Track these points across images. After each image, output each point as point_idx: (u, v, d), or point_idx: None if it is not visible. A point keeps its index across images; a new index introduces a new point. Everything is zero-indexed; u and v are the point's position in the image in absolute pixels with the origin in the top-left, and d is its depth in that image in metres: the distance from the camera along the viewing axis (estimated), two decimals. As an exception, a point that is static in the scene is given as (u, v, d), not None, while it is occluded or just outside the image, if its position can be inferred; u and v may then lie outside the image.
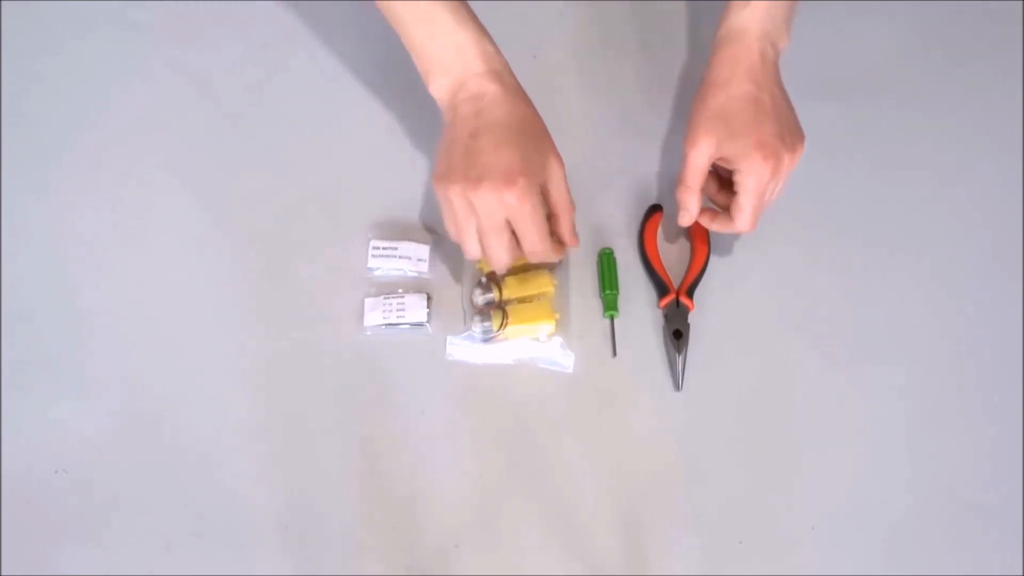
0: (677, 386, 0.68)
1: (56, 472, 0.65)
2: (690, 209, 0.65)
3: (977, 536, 0.66)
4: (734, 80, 0.62)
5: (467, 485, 0.65)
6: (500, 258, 0.60)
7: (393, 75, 0.75)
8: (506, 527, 0.65)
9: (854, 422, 0.68)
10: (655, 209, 0.72)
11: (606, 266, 0.70)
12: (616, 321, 0.69)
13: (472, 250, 0.60)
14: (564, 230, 0.63)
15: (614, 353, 0.68)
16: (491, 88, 0.59)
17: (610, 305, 0.69)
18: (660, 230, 0.72)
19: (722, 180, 0.67)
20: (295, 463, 0.66)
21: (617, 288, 0.69)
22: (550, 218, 0.62)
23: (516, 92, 0.60)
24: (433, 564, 0.64)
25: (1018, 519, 0.66)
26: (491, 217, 0.58)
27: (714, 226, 0.67)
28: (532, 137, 0.60)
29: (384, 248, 0.69)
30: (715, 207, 0.67)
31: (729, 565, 0.64)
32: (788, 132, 0.62)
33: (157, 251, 0.71)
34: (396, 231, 0.71)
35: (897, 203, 0.74)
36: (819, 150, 0.75)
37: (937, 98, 0.77)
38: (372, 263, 0.69)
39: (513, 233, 0.60)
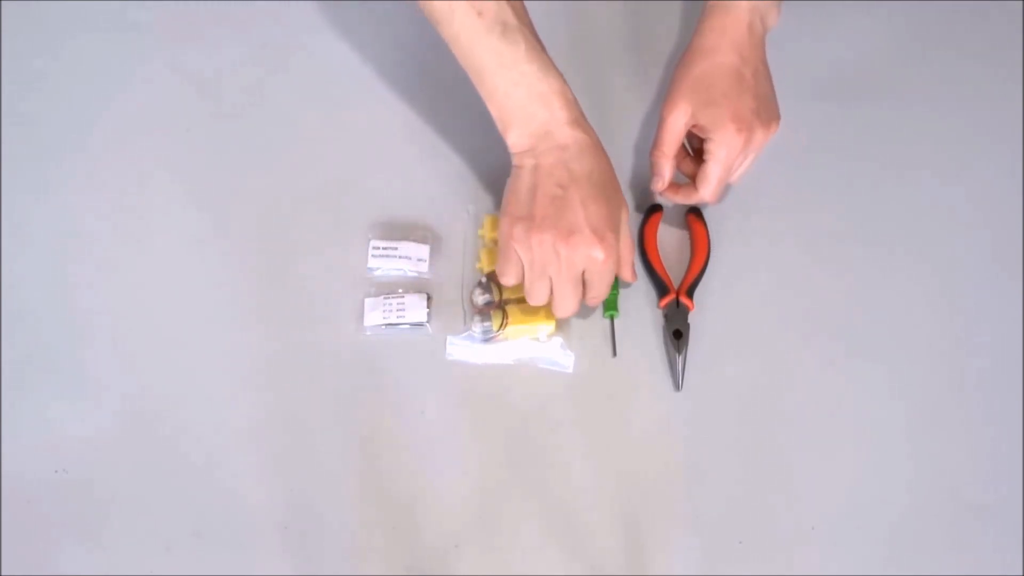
0: (677, 386, 0.68)
1: (56, 472, 0.65)
2: (663, 175, 0.66)
3: (977, 536, 0.66)
4: (719, 50, 0.62)
5: (467, 485, 0.65)
6: (569, 307, 0.62)
7: (394, 75, 0.75)
8: (506, 527, 0.65)
9: (854, 422, 0.68)
10: (655, 209, 0.72)
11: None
12: (616, 321, 0.69)
13: (541, 297, 0.62)
14: (626, 271, 0.64)
15: (614, 353, 0.68)
16: (577, 138, 0.59)
17: (610, 305, 0.69)
18: (660, 230, 0.72)
19: (693, 149, 0.68)
20: (295, 463, 0.66)
21: (617, 288, 0.69)
22: None
23: (597, 143, 0.61)
24: (433, 564, 0.64)
25: (1018, 519, 0.66)
26: (573, 268, 0.59)
27: (678, 197, 0.68)
28: (614, 191, 0.61)
29: (384, 248, 0.69)
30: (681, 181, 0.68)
31: (729, 565, 0.64)
32: (765, 108, 0.63)
33: (157, 251, 0.71)
34: (396, 231, 0.71)
35: (897, 203, 0.74)
36: (819, 150, 0.75)
37: (937, 98, 0.77)
38: (372, 263, 0.69)
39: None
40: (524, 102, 0.58)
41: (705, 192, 0.65)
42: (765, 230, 0.72)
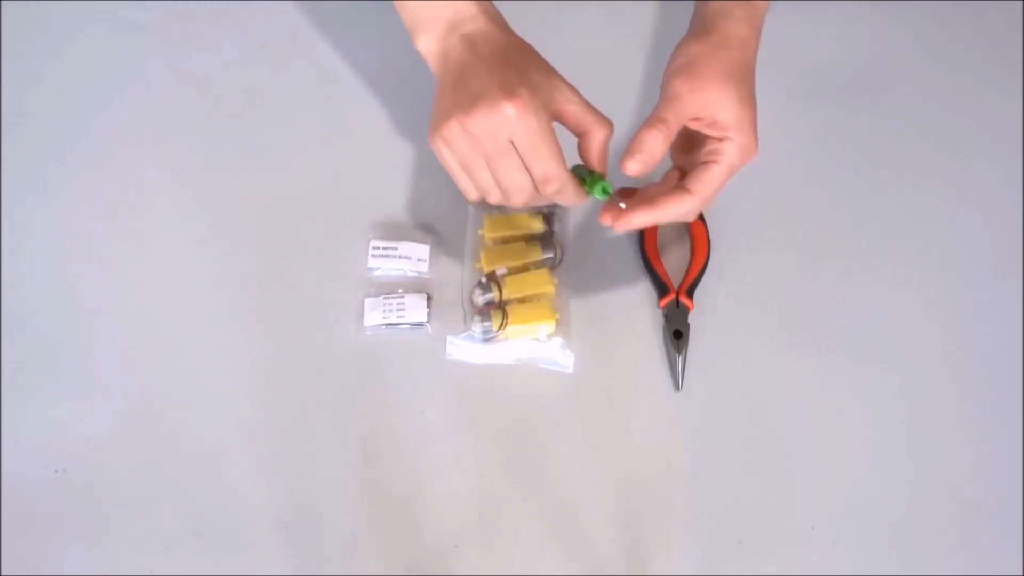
0: (677, 386, 0.68)
1: (56, 472, 0.65)
2: (655, 153, 0.55)
3: (977, 536, 0.66)
4: (750, 44, 0.56)
5: (467, 485, 0.65)
6: (518, 186, 0.54)
7: (394, 75, 0.75)
8: (506, 527, 0.65)
9: (854, 422, 0.68)
10: (655, 209, 0.72)
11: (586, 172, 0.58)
12: (615, 321, 0.69)
13: (492, 192, 0.55)
14: (592, 148, 0.55)
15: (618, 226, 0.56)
16: (484, 26, 0.54)
17: (592, 183, 0.57)
18: (660, 230, 0.72)
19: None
20: (295, 463, 0.66)
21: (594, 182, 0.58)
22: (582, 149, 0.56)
23: (511, 33, 0.56)
24: (433, 564, 0.64)
25: (1018, 519, 0.66)
26: (493, 139, 0.52)
27: (651, 211, 0.56)
28: (533, 61, 0.54)
29: (384, 248, 0.69)
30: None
31: (729, 565, 0.64)
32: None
33: (156, 251, 0.71)
34: (396, 231, 0.71)
35: (897, 203, 0.74)
36: (818, 150, 0.75)
37: (937, 98, 0.77)
38: (372, 263, 0.69)
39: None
40: (429, 4, 0.55)
41: (698, 199, 0.56)
42: (765, 230, 0.72)
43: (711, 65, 0.55)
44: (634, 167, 0.55)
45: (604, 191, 0.57)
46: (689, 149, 0.59)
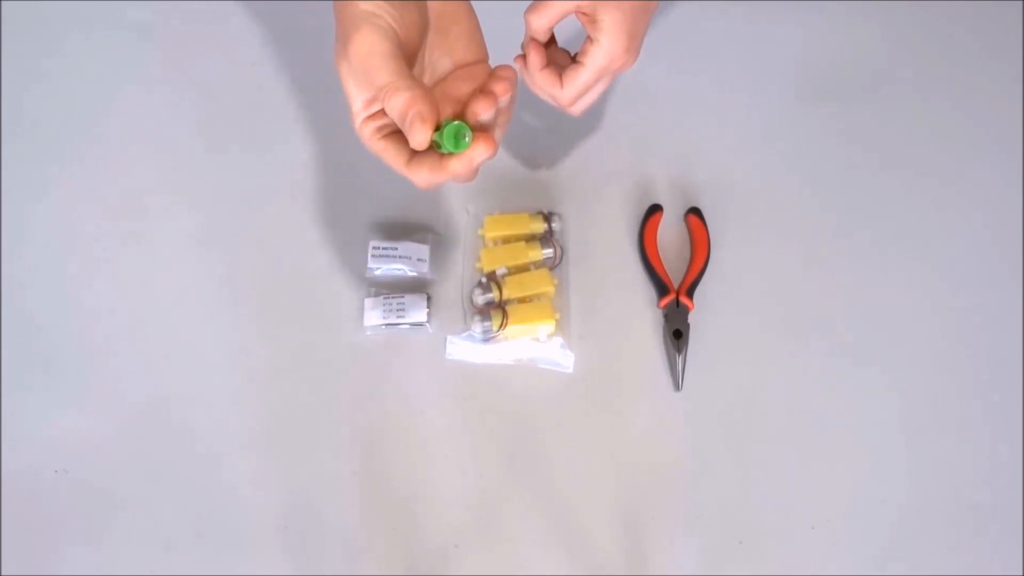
0: (677, 386, 0.68)
1: (56, 472, 0.65)
2: (538, 28, 0.56)
3: (977, 536, 0.66)
4: None
5: (467, 485, 0.65)
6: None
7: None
8: (506, 527, 0.65)
9: (854, 422, 0.68)
10: (655, 209, 0.72)
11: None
12: (615, 321, 0.69)
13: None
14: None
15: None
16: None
17: (447, 137, 0.49)
18: (660, 230, 0.72)
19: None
20: (295, 463, 0.66)
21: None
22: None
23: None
24: (433, 564, 0.64)
25: (1018, 519, 0.66)
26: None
27: (539, 78, 0.57)
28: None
29: (384, 248, 0.69)
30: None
31: (729, 565, 0.64)
32: (641, 42, 0.57)
33: (156, 251, 0.71)
34: (396, 231, 0.71)
35: (897, 203, 0.74)
36: (818, 150, 0.75)
37: (937, 98, 0.77)
38: (372, 263, 0.69)
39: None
40: None
41: (566, 92, 0.57)
42: (765, 230, 0.72)
43: None
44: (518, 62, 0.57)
45: (455, 137, 0.49)
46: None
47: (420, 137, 0.48)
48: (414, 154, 0.51)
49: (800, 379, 0.68)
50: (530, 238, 0.70)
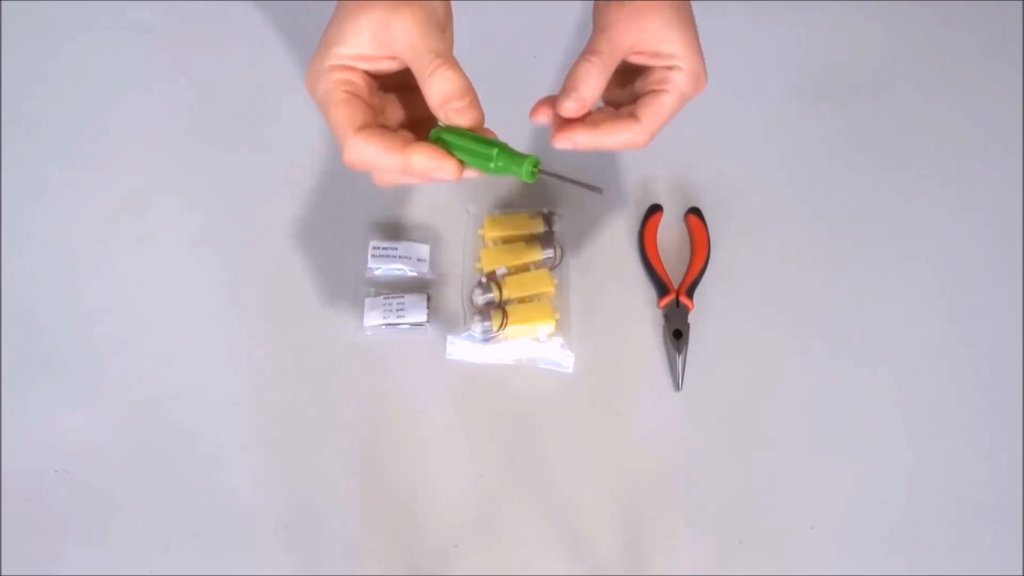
0: (677, 386, 0.68)
1: (56, 472, 0.65)
2: (592, 91, 0.48)
3: (977, 536, 0.66)
4: None
5: (467, 485, 0.65)
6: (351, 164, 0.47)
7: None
8: (506, 527, 0.65)
9: (854, 422, 0.68)
10: (655, 209, 0.72)
11: (457, 145, 0.47)
12: (615, 321, 0.69)
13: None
14: (432, 101, 0.46)
15: (600, 191, 0.48)
16: None
17: (497, 156, 0.46)
18: (660, 230, 0.72)
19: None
20: (295, 463, 0.66)
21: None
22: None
23: None
24: (433, 564, 0.64)
25: (1018, 519, 0.66)
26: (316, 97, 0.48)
27: (597, 134, 0.49)
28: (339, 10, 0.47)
29: (384, 248, 0.69)
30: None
31: (729, 565, 0.64)
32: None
33: (156, 251, 0.71)
34: (396, 231, 0.71)
35: (897, 203, 0.74)
36: (818, 150, 0.75)
37: (937, 98, 0.77)
38: (372, 263, 0.69)
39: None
40: None
41: (646, 127, 0.49)
42: (765, 230, 0.72)
43: None
44: (570, 106, 0.48)
45: (536, 167, 0.46)
46: (624, 83, 0.53)
47: (469, 122, 0.46)
48: (379, 127, 0.46)
49: (800, 379, 0.68)
50: (530, 238, 0.70)
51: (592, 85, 0.49)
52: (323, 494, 0.65)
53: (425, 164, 0.46)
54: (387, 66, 0.48)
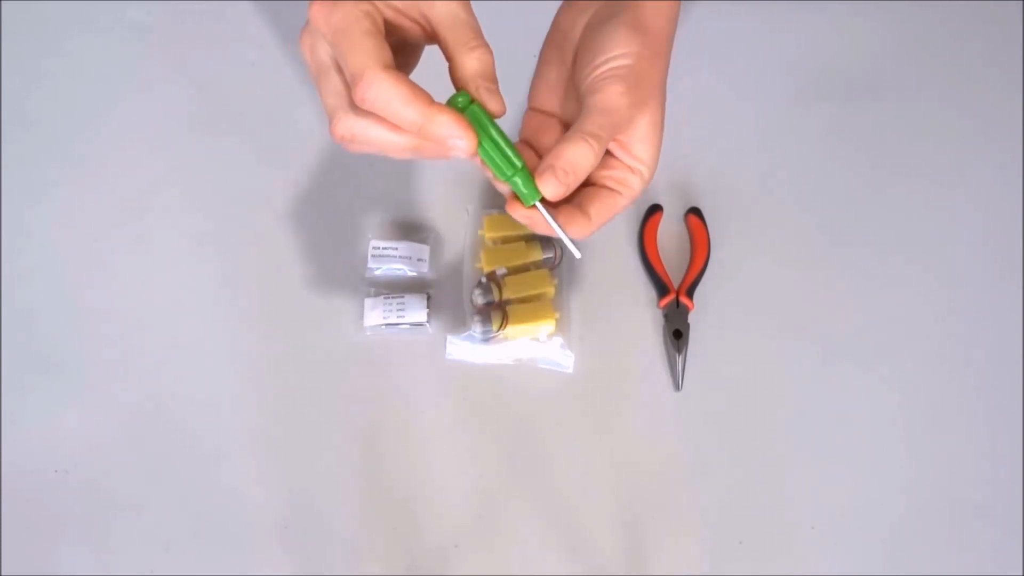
0: (677, 386, 0.68)
1: (56, 472, 0.65)
2: (580, 174, 0.45)
3: (977, 536, 0.66)
4: (663, 37, 0.47)
5: (467, 485, 0.65)
6: (331, 108, 0.44)
7: (393, 75, 0.75)
8: (506, 527, 0.65)
9: (854, 422, 0.68)
10: (655, 209, 0.72)
11: (486, 127, 0.45)
12: (615, 321, 0.69)
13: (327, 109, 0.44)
14: (466, 72, 0.43)
15: (576, 254, 0.48)
16: None
17: (525, 185, 0.46)
18: (660, 230, 0.72)
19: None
20: (295, 463, 0.66)
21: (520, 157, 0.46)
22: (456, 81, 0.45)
23: None
24: (433, 564, 0.64)
25: (1018, 519, 0.66)
26: (312, 52, 0.43)
27: (557, 218, 0.47)
28: None
29: (384, 248, 0.69)
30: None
31: (729, 565, 0.64)
32: None
33: (156, 251, 0.71)
34: (396, 231, 0.71)
35: (896, 203, 0.74)
36: (818, 150, 0.75)
37: (937, 98, 0.77)
38: (372, 263, 0.69)
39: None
40: None
41: (595, 224, 0.47)
42: (765, 230, 0.72)
43: (652, 78, 0.46)
44: (554, 189, 0.45)
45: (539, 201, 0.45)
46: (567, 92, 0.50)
47: (497, 107, 0.44)
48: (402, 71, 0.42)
49: (800, 379, 0.68)
50: (530, 238, 0.70)
51: (583, 168, 0.45)
52: (323, 494, 0.65)
53: (449, 128, 0.41)
54: (405, 25, 0.44)
